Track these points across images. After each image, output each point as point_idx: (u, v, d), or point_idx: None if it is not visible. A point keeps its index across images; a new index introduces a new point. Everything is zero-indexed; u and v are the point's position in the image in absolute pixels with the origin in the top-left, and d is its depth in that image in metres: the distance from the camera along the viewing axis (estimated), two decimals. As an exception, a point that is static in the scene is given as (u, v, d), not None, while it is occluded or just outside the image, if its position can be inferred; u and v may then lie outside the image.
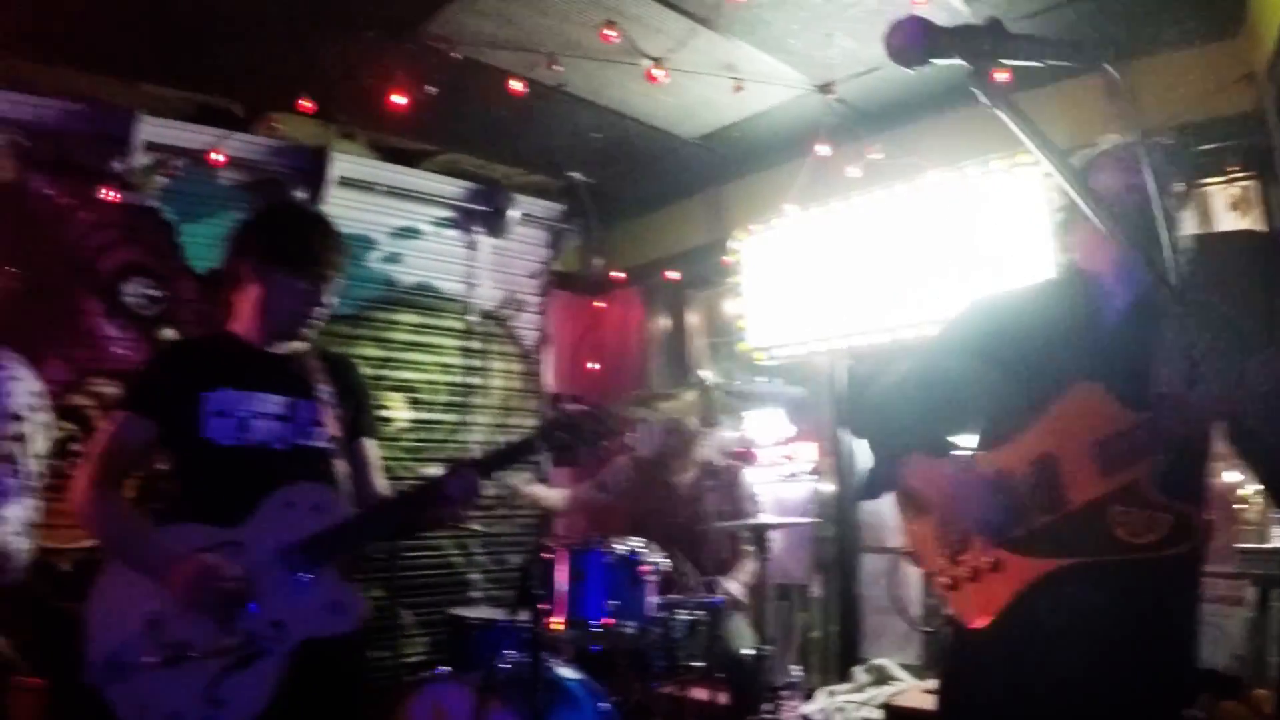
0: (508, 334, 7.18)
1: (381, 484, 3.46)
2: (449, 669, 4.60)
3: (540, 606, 4.18)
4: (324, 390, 3.29)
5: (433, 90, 5.27)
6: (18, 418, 2.36)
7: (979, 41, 1.73)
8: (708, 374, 6.17)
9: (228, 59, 5.42)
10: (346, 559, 3.15)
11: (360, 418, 3.43)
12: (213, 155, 5.81)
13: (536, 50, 5.13)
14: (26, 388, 2.47)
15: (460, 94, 5.49)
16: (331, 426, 3.25)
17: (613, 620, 4.59)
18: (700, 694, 4.87)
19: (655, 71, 5.15)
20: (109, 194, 5.63)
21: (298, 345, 3.31)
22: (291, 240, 3.26)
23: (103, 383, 5.63)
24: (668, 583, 4.89)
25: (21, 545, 2.37)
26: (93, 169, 5.63)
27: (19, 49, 5.35)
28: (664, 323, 7.31)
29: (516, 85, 5.32)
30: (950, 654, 2.86)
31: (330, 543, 3.05)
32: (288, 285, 3.20)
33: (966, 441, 2.80)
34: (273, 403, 3.18)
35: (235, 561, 2.92)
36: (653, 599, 4.71)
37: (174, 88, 5.83)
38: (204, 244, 5.92)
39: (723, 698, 4.88)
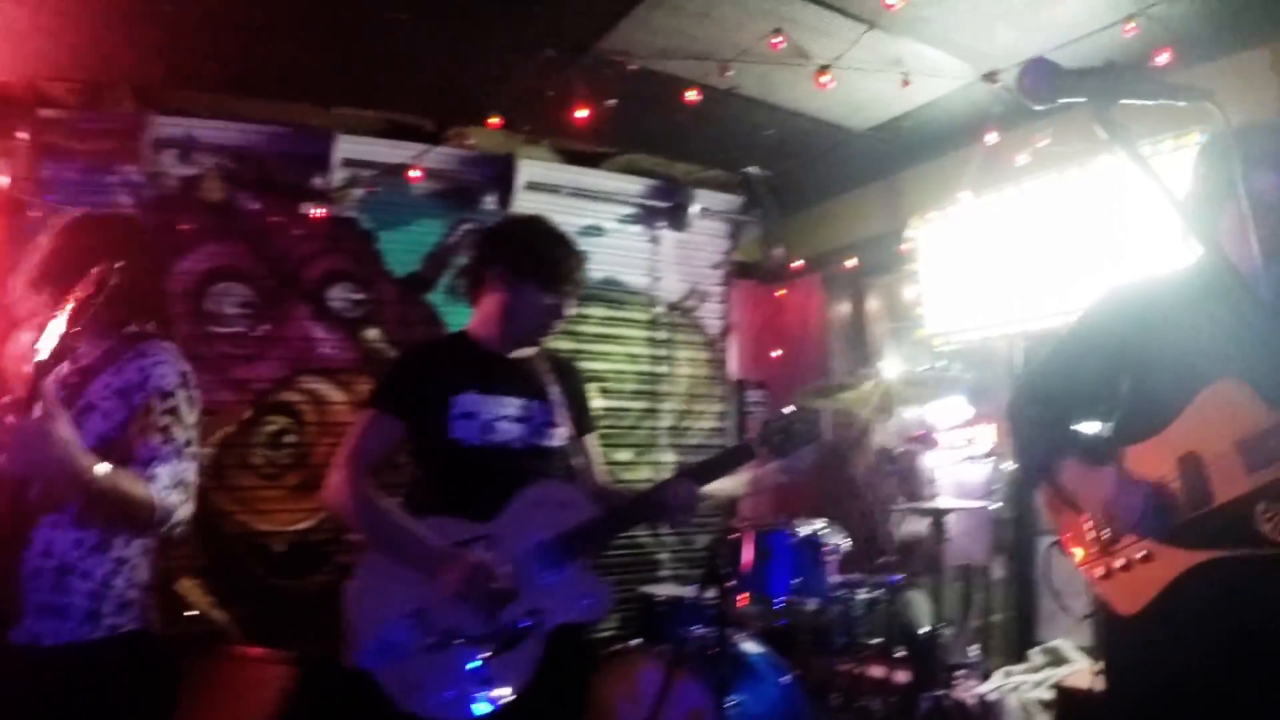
0: (692, 324, 7.42)
1: (603, 476, 3.73)
2: (640, 642, 4.84)
3: (727, 584, 4.37)
4: (554, 391, 3.54)
5: (612, 103, 5.55)
6: (169, 394, 2.71)
7: (1099, 81, 1.91)
8: (885, 364, 6.25)
9: (417, 79, 5.79)
10: (592, 552, 3.42)
11: (583, 416, 3.69)
12: (411, 172, 6.22)
13: (708, 58, 5.34)
14: (175, 369, 2.81)
15: (637, 101, 5.74)
16: (563, 426, 3.52)
17: (795, 598, 4.84)
18: (878, 671, 5.04)
19: (823, 77, 5.31)
20: (311, 208, 6.09)
21: (530, 349, 3.57)
22: (544, 256, 3.52)
23: (312, 380, 6.17)
24: (847, 561, 5.08)
25: (174, 499, 2.72)
26: (295, 186, 6.10)
27: (224, 85, 5.89)
28: (843, 309, 7.43)
29: (691, 95, 5.55)
30: (1105, 640, 2.94)
31: (580, 539, 3.32)
32: (536, 298, 3.46)
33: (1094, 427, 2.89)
34: (512, 405, 3.43)
35: (497, 556, 3.22)
36: (833, 577, 4.92)
37: (366, 108, 6.24)
38: (401, 250, 6.41)
39: (900, 675, 5.04)
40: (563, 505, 3.36)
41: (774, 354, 7.37)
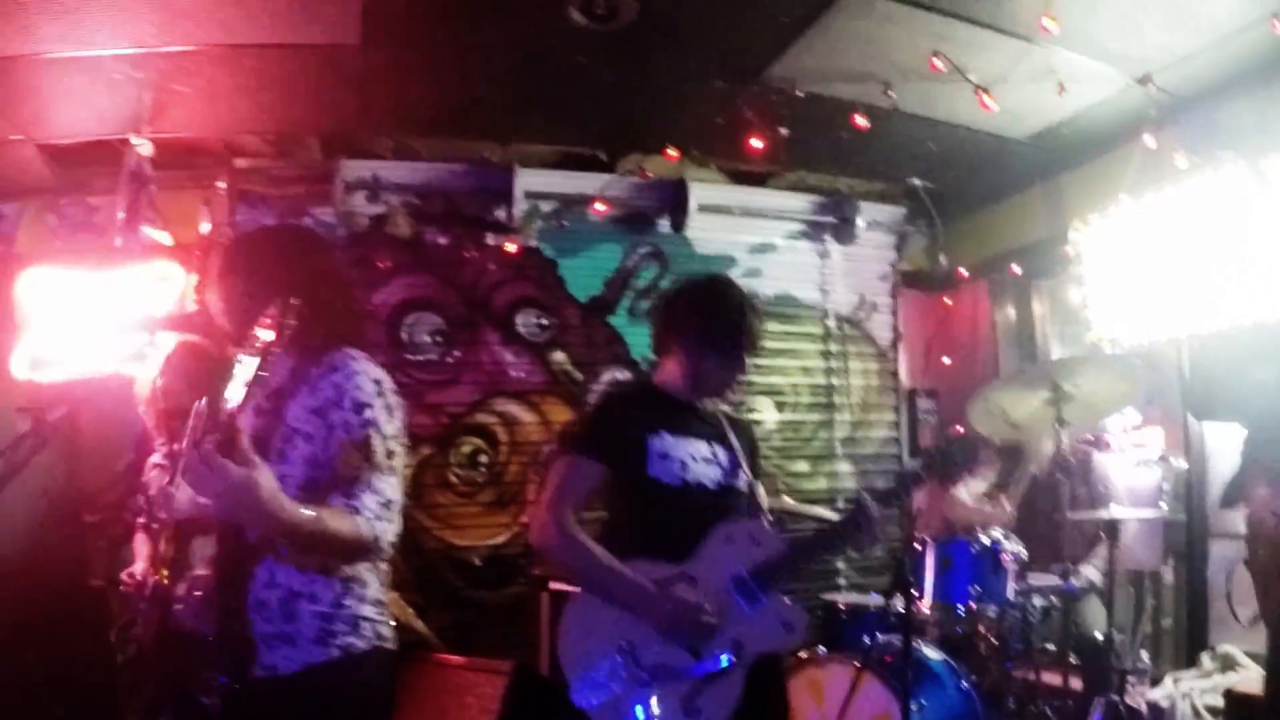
0: (863, 335, 7.58)
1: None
2: (825, 649, 4.95)
3: (911, 592, 4.48)
4: (732, 438, 3.68)
5: (784, 131, 5.83)
6: (366, 405, 2.71)
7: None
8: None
9: (589, 113, 6.13)
10: (786, 581, 3.49)
11: (755, 465, 3.78)
12: (596, 205, 6.60)
13: (870, 80, 5.56)
14: (369, 378, 2.86)
15: (803, 123, 5.97)
16: (745, 470, 3.65)
17: (976, 605, 4.97)
18: (1053, 677, 5.12)
19: (983, 93, 5.47)
20: (496, 239, 6.50)
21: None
22: (725, 328, 3.60)
23: (503, 402, 6.56)
24: (1023, 567, 5.17)
25: (382, 526, 2.76)
26: (478, 219, 6.52)
27: (407, 127, 6.35)
28: (1010, 315, 7.51)
29: (861, 121, 5.78)
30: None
31: (775, 571, 3.43)
32: (717, 365, 3.61)
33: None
34: (702, 448, 3.56)
35: (698, 593, 3.34)
36: (1012, 585, 5.03)
37: (543, 143, 6.60)
38: (582, 275, 6.78)
39: (1075, 681, 5.11)
40: (753, 540, 3.47)
41: (944, 361, 7.48)
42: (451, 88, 5.73)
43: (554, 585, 5.55)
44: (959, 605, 4.98)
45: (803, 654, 4.91)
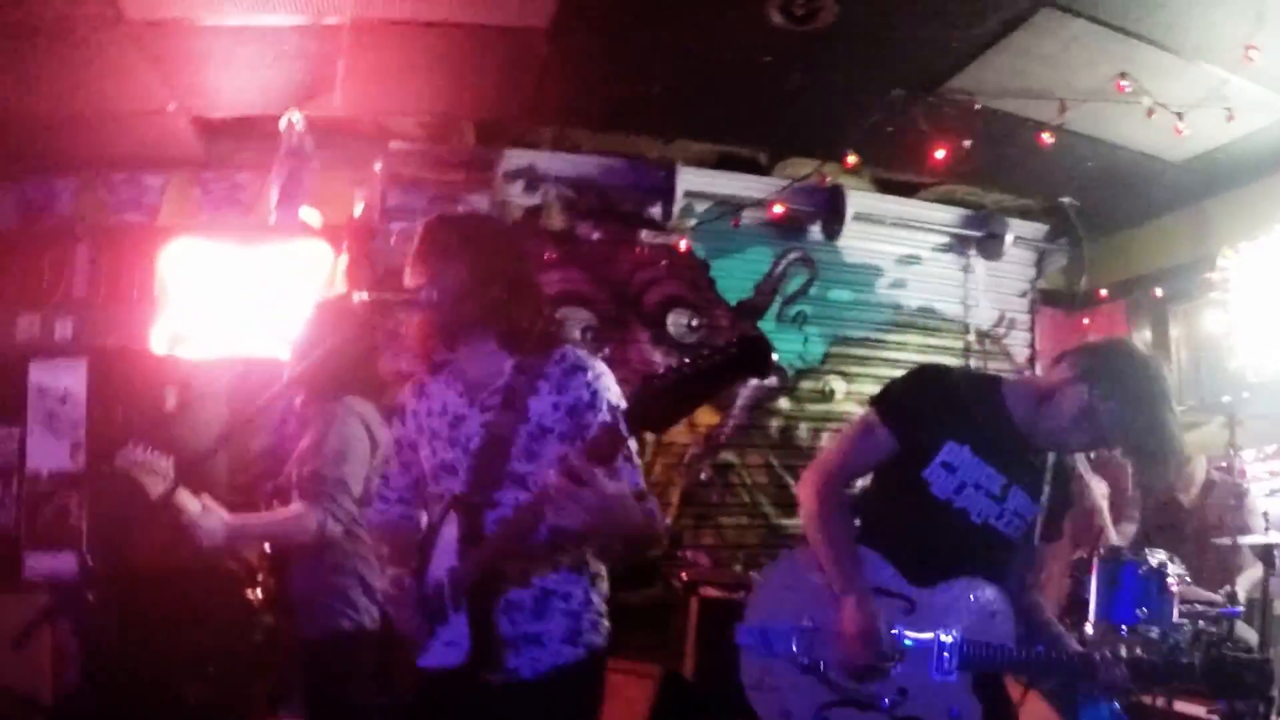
0: (1002, 351, 7.64)
1: (1038, 594, 3.49)
2: None
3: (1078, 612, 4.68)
4: (1045, 490, 3.31)
5: (961, 142, 5.89)
6: (618, 407, 2.68)
7: None
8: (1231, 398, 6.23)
9: (754, 114, 6.21)
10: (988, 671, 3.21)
11: (1055, 525, 3.40)
12: (773, 208, 6.62)
13: (1047, 97, 5.63)
14: (612, 377, 2.88)
15: (972, 136, 6.01)
16: (1032, 528, 3.30)
17: (1141, 626, 4.97)
18: (1196, 701, 5.15)
19: (1157, 110, 5.55)
20: (650, 237, 6.56)
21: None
22: (1146, 428, 3.14)
23: None
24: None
25: (660, 516, 2.83)
26: (633, 215, 6.58)
27: (575, 119, 6.39)
28: (1146, 337, 7.49)
29: (1047, 138, 5.85)
30: None
31: (985, 659, 3.13)
32: (1105, 421, 3.15)
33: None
34: (994, 479, 3.21)
35: (900, 620, 3.15)
36: (1177, 608, 5.05)
37: (708, 141, 6.65)
38: (733, 278, 6.84)
39: (1220, 706, 5.14)
40: (992, 614, 3.18)
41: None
42: (628, 80, 5.80)
43: (706, 592, 5.59)
44: (1123, 626, 4.99)
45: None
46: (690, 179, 6.51)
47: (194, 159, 6.39)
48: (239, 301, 6.15)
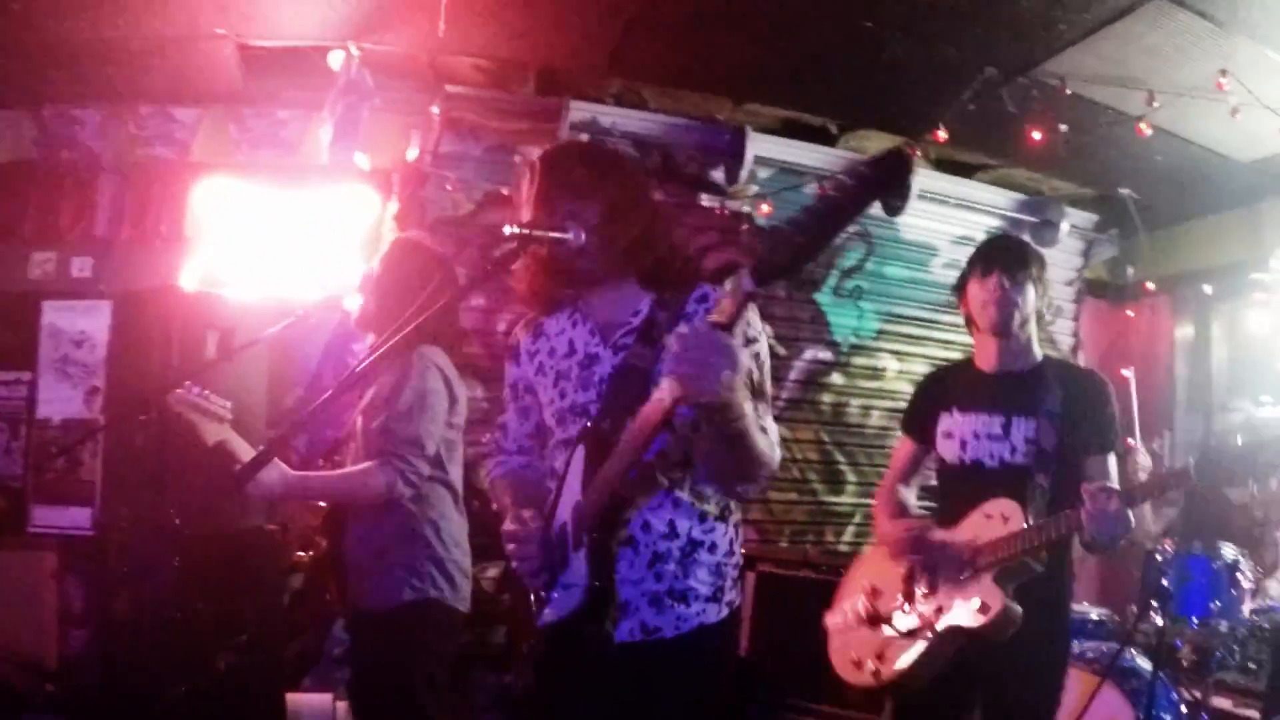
0: (1046, 338, 7.44)
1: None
2: None
3: (1152, 604, 4.71)
4: (1051, 405, 3.63)
5: (1063, 128, 5.96)
6: (754, 340, 2.60)
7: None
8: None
9: (829, 81, 6.16)
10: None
11: (1086, 432, 3.63)
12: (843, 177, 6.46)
13: (1139, 87, 5.67)
14: (756, 318, 2.67)
15: (1050, 121, 6.04)
16: (1046, 442, 3.58)
17: (1212, 620, 5.03)
18: (1251, 699, 5.28)
19: (1242, 109, 5.59)
20: (710, 201, 6.51)
21: (1034, 360, 3.84)
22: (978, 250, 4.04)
23: None
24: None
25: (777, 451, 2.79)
26: (696, 178, 6.52)
27: (646, 74, 6.27)
28: (1190, 333, 7.73)
29: (1145, 129, 5.89)
30: None
31: (997, 549, 3.48)
32: (976, 287, 3.83)
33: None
34: (992, 421, 3.68)
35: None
36: (1248, 604, 5.12)
37: (781, 107, 6.59)
38: (792, 249, 6.70)
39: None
40: (1005, 519, 3.51)
41: (1124, 374, 7.54)
42: (711, 34, 5.66)
43: (763, 568, 5.55)
44: (1193, 619, 5.05)
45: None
46: (760, 144, 6.48)
47: (232, 93, 6.14)
48: (278, 245, 6.00)
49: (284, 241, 5.98)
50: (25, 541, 5.78)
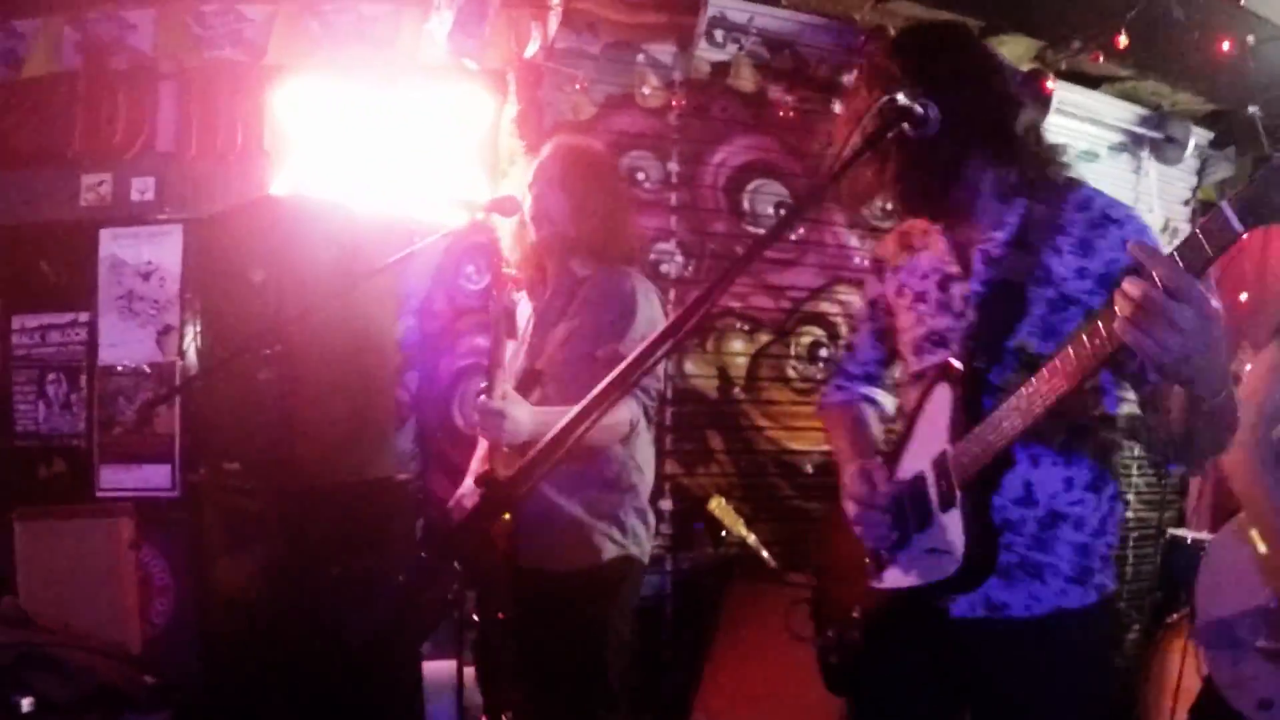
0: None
1: None
2: None
3: None
4: None
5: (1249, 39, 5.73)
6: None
7: None
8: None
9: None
10: None
11: None
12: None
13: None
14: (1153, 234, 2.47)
15: (1213, 34, 5.79)
16: None
17: None
18: None
19: None
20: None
21: None
22: None
23: (847, 291, 6.12)
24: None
25: None
26: (827, 83, 6.02)
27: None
28: (1301, 253, 7.50)
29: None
30: None
31: None
32: None
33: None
34: None
35: None
36: None
37: (914, 4, 6.08)
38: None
39: None
40: None
41: (1241, 299, 7.34)
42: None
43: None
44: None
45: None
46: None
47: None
48: (382, 155, 5.30)
49: (389, 151, 5.29)
50: (94, 509, 4.98)
